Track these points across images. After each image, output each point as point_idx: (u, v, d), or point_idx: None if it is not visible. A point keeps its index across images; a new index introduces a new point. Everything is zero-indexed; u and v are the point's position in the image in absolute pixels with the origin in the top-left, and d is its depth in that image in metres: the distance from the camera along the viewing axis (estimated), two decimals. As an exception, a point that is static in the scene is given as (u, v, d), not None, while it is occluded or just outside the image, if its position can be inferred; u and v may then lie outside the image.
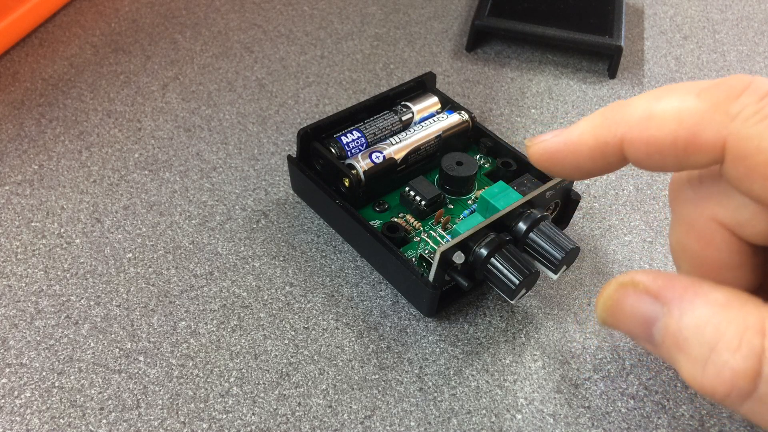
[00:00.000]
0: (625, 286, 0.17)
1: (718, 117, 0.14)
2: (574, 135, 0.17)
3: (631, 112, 0.16)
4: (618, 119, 0.16)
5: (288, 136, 0.35)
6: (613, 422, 0.24)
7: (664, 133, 0.15)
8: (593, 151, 0.17)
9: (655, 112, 0.15)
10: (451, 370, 0.26)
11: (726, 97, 0.14)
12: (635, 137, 0.16)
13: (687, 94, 0.15)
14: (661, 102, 0.15)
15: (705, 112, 0.15)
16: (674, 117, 0.15)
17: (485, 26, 0.41)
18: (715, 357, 0.14)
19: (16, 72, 0.39)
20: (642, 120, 0.16)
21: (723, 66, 0.42)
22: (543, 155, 0.18)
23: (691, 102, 0.15)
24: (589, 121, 0.17)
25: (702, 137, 0.15)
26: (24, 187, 0.32)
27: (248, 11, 0.44)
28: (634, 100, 0.16)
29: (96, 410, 0.24)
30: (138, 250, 0.29)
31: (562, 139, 0.18)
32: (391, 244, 0.27)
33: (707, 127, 0.15)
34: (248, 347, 0.26)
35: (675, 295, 0.16)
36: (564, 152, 0.18)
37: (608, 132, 0.16)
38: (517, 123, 0.37)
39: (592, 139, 0.17)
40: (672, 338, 0.15)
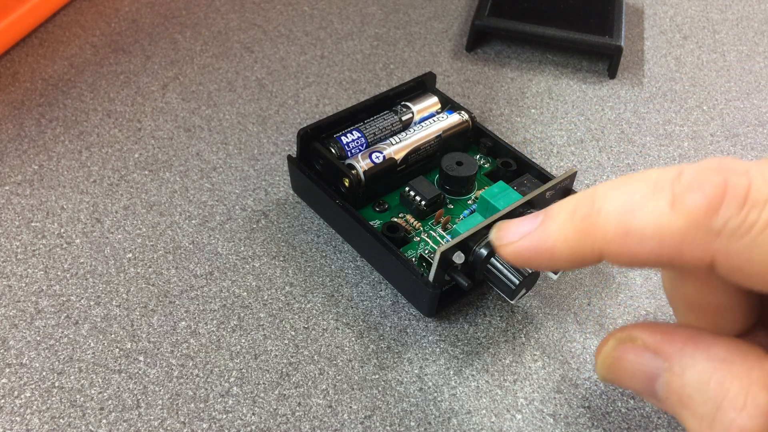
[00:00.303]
0: (624, 343, 0.17)
1: (701, 236, 0.14)
2: (547, 243, 0.16)
3: (606, 225, 0.15)
4: (593, 230, 0.15)
5: (288, 136, 0.35)
6: (613, 422, 0.24)
7: (646, 250, 0.15)
8: (569, 262, 0.16)
9: (632, 228, 0.15)
10: (451, 370, 0.26)
11: (705, 211, 0.14)
12: (614, 251, 0.15)
13: (661, 203, 0.14)
14: (635, 215, 0.15)
15: (686, 230, 0.14)
16: (654, 235, 0.14)
17: (485, 26, 0.41)
18: (721, 416, 0.14)
19: (16, 72, 0.39)
20: (619, 236, 0.15)
21: (723, 66, 0.42)
22: (516, 259, 0.17)
23: (668, 217, 0.14)
24: (561, 229, 0.16)
25: (687, 255, 0.14)
26: (24, 187, 0.32)
27: (248, 11, 0.44)
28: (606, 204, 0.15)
29: (96, 410, 0.24)
30: (138, 250, 0.29)
31: (533, 245, 0.17)
32: (391, 244, 0.27)
33: (691, 246, 0.14)
34: (248, 347, 0.26)
35: (675, 349, 0.15)
36: (538, 258, 0.17)
37: (584, 245, 0.16)
38: (517, 123, 0.37)
39: (568, 250, 0.16)
40: (676, 395, 0.15)
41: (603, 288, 0.29)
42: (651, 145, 0.36)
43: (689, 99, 0.39)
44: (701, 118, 0.38)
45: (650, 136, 0.37)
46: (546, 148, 0.35)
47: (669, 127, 0.37)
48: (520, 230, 0.17)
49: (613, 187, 0.15)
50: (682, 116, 0.38)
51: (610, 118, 0.38)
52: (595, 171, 0.34)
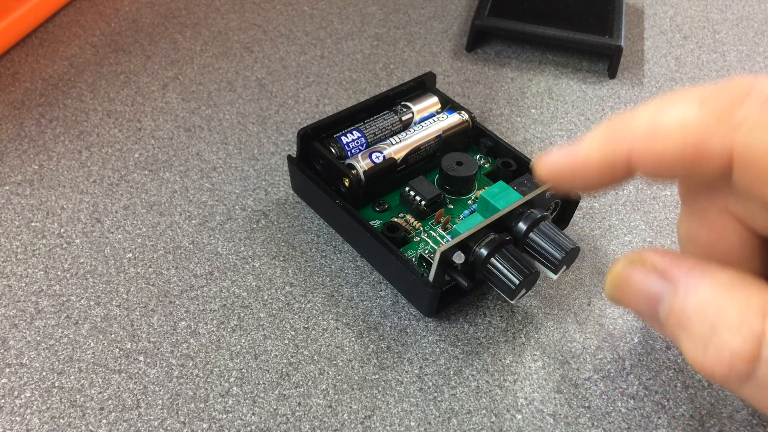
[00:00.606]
0: (634, 263, 0.17)
1: (722, 127, 0.14)
2: (581, 152, 0.17)
3: (636, 126, 0.16)
4: (623, 134, 0.16)
5: (288, 136, 0.35)
6: (613, 422, 0.24)
7: (670, 146, 0.15)
8: (601, 167, 0.17)
9: (659, 125, 0.15)
10: (451, 370, 0.26)
11: (729, 105, 0.14)
12: (642, 152, 0.16)
13: (689, 104, 0.15)
14: (664, 114, 0.15)
15: (709, 122, 0.14)
16: (679, 130, 0.15)
17: (485, 26, 0.41)
18: (716, 338, 0.15)
19: (16, 72, 0.39)
20: (647, 134, 0.15)
21: (723, 66, 0.42)
22: (551, 173, 0.18)
23: (694, 112, 0.15)
24: (595, 137, 0.17)
25: (708, 149, 0.15)
26: (24, 187, 0.32)
27: (248, 11, 0.44)
28: (638, 112, 0.16)
29: (96, 410, 0.24)
30: (138, 250, 0.29)
31: (569, 157, 0.18)
32: (391, 244, 0.27)
33: (712, 138, 0.14)
34: (248, 347, 0.26)
35: (681, 274, 0.16)
36: (572, 170, 0.18)
37: (615, 147, 0.16)
38: (517, 123, 0.37)
39: (600, 156, 0.17)
40: (676, 317, 0.16)
41: (603, 288, 0.29)
42: (651, 145, 0.36)
43: (689, 99, 0.39)
44: (701, 118, 0.38)
45: (650, 136, 0.37)
46: (546, 148, 0.35)
47: (669, 127, 0.37)
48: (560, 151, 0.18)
49: (647, 102, 0.16)
50: (682, 116, 0.38)
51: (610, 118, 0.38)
52: (595, 171, 0.34)
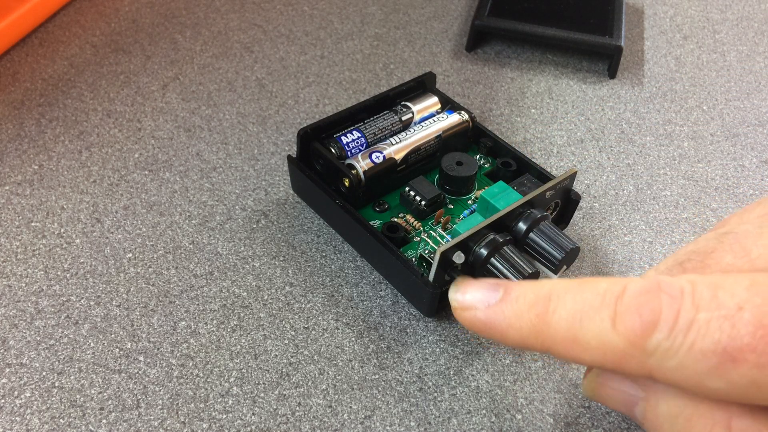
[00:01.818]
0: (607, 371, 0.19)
1: (638, 354, 0.16)
2: (501, 325, 0.18)
3: (556, 330, 0.17)
4: (544, 332, 0.17)
5: (288, 136, 0.35)
6: (613, 422, 0.24)
7: (590, 358, 0.17)
8: (517, 345, 0.18)
9: (578, 337, 0.17)
10: (451, 370, 0.26)
11: (641, 334, 0.15)
12: (561, 353, 0.17)
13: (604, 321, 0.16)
14: (582, 327, 0.16)
15: (625, 349, 0.16)
16: (597, 348, 0.16)
17: (485, 26, 0.41)
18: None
19: (16, 72, 0.39)
20: (567, 341, 0.17)
21: (723, 66, 0.42)
22: (471, 325, 0.19)
23: (609, 335, 0.16)
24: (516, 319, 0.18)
25: (627, 368, 0.16)
26: (24, 187, 0.32)
27: (248, 11, 0.44)
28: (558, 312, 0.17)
29: (96, 410, 0.24)
30: (138, 250, 0.29)
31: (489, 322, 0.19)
32: (391, 244, 0.27)
33: (630, 362, 0.16)
34: (248, 347, 0.26)
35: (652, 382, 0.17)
36: (490, 333, 0.19)
37: (534, 341, 0.18)
38: (517, 123, 0.37)
39: (518, 339, 0.18)
40: (650, 423, 0.18)
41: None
42: (651, 145, 0.36)
43: (689, 99, 0.39)
44: (701, 118, 0.38)
45: (650, 136, 0.37)
46: (546, 148, 0.35)
47: (669, 127, 0.37)
48: (478, 297, 0.19)
49: (567, 291, 0.17)
50: (682, 116, 0.38)
51: (610, 118, 0.38)
52: (595, 171, 0.34)
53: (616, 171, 0.34)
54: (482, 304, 0.19)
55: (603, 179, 0.34)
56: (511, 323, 0.18)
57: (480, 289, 0.19)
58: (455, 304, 0.20)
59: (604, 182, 0.34)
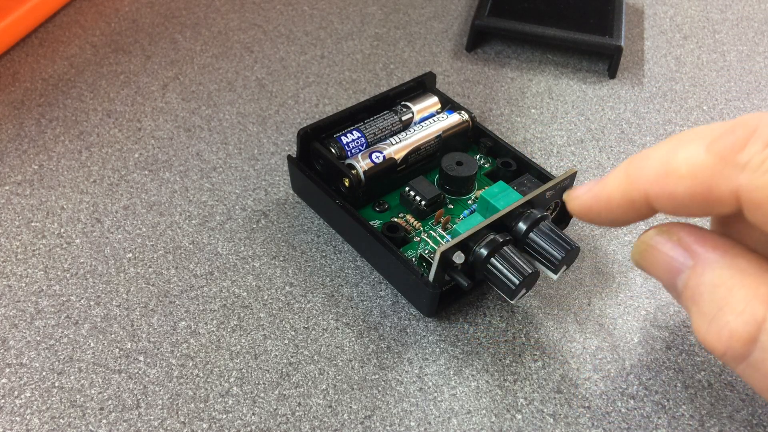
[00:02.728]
0: (662, 234, 0.18)
1: (727, 170, 0.15)
2: (604, 192, 0.19)
3: (650, 168, 0.17)
4: (639, 176, 0.17)
5: (288, 136, 0.35)
6: (613, 422, 0.24)
7: (682, 188, 0.16)
8: (623, 206, 0.18)
9: (670, 168, 0.16)
10: (451, 370, 0.26)
11: (732, 148, 0.15)
12: (657, 193, 0.17)
13: (697, 146, 0.16)
14: (675, 156, 0.16)
15: (715, 165, 0.15)
16: (688, 172, 0.16)
17: (485, 26, 0.41)
18: (719, 316, 0.16)
19: (16, 72, 0.39)
20: (660, 176, 0.17)
21: (723, 66, 0.42)
22: (581, 211, 0.20)
23: (701, 155, 0.16)
24: (615, 177, 0.18)
25: (716, 191, 0.15)
26: (24, 187, 0.32)
27: (248, 11, 0.44)
28: (652, 153, 0.17)
29: (96, 410, 0.24)
30: (138, 250, 0.29)
31: (594, 195, 0.19)
32: (391, 244, 0.27)
33: (719, 181, 0.15)
34: (248, 347, 0.26)
35: (703, 251, 0.17)
36: (598, 207, 0.19)
37: (632, 189, 0.17)
38: (517, 123, 0.37)
39: (621, 196, 0.18)
40: (690, 291, 0.17)
41: (603, 288, 0.29)
42: (651, 145, 0.36)
43: (689, 99, 0.39)
44: (701, 118, 0.38)
45: (650, 136, 0.37)
46: (546, 148, 0.35)
47: (669, 127, 0.37)
48: (586, 186, 0.19)
49: (662, 142, 0.17)
50: (682, 116, 0.38)
51: (610, 118, 0.38)
52: (595, 171, 0.34)
53: (616, 171, 0.34)
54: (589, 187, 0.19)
55: (603, 179, 0.34)
56: (612, 186, 0.18)
57: (586, 183, 0.20)
58: (567, 198, 0.20)
59: (604, 182, 0.34)
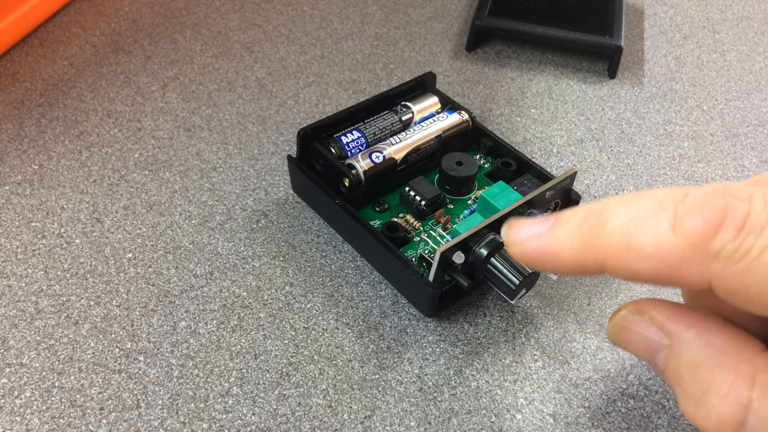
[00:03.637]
0: (634, 314, 0.18)
1: (698, 257, 0.14)
2: (553, 248, 0.17)
3: (609, 239, 0.16)
4: (596, 243, 0.16)
5: (288, 136, 0.35)
6: (613, 422, 0.24)
7: (645, 267, 0.15)
8: (572, 267, 0.17)
9: (633, 243, 0.15)
10: (451, 370, 0.26)
11: (704, 234, 0.14)
12: (616, 265, 0.16)
13: (663, 223, 0.15)
14: (638, 232, 0.15)
15: (684, 250, 0.14)
16: (654, 253, 0.15)
17: (485, 26, 0.41)
18: (705, 399, 0.15)
19: (16, 72, 0.39)
20: (621, 249, 0.15)
21: (723, 66, 0.42)
22: (522, 258, 0.18)
23: (668, 237, 0.15)
24: (568, 237, 0.17)
25: (685, 275, 0.15)
26: (24, 187, 0.32)
27: (248, 11, 0.44)
28: (611, 219, 0.16)
29: (96, 410, 0.24)
30: (138, 250, 0.29)
31: (542, 247, 0.17)
32: (391, 244, 0.27)
33: (689, 266, 0.14)
34: (248, 347, 0.26)
35: (678, 330, 0.17)
36: (544, 261, 0.17)
37: (587, 255, 0.16)
38: (517, 123, 0.37)
39: (572, 256, 0.17)
40: (671, 371, 0.17)
41: (603, 288, 0.29)
42: (651, 145, 0.36)
43: (689, 99, 0.39)
44: (701, 118, 0.38)
45: (650, 136, 0.37)
46: (546, 148, 0.35)
47: (669, 127, 0.37)
48: (531, 231, 0.18)
49: (621, 202, 0.16)
50: (682, 116, 0.38)
51: (610, 118, 0.38)
52: (595, 171, 0.34)
53: (616, 171, 0.34)
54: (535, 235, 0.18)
55: (603, 179, 0.34)
56: (563, 244, 0.17)
57: (531, 223, 0.18)
58: (507, 240, 0.18)
59: (604, 182, 0.34)
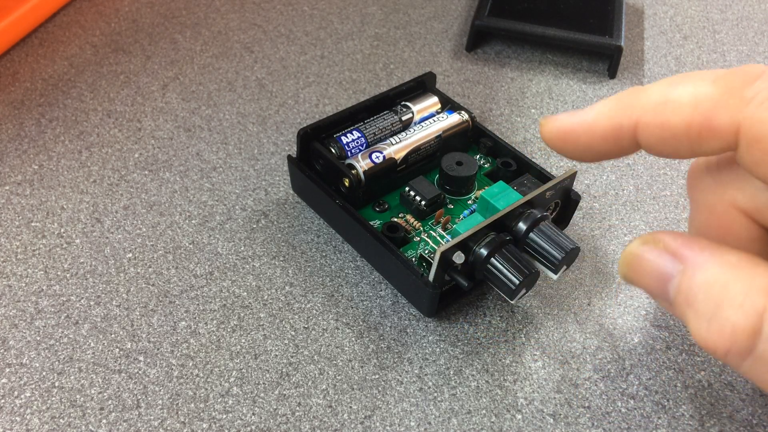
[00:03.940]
0: (647, 243, 0.17)
1: (733, 101, 0.15)
2: (589, 116, 0.18)
3: (648, 97, 0.16)
4: (634, 103, 0.16)
5: (288, 136, 0.35)
6: (613, 422, 0.24)
7: (679, 118, 0.15)
8: (607, 133, 0.17)
9: (670, 97, 0.16)
10: (451, 370, 0.26)
11: (741, 82, 0.15)
12: (650, 121, 0.16)
13: (703, 81, 0.15)
14: (677, 87, 0.16)
15: (720, 96, 0.15)
16: (689, 102, 0.15)
17: (485, 26, 0.41)
18: (719, 313, 0.15)
19: (16, 72, 0.39)
20: (658, 104, 0.16)
21: (723, 66, 0.42)
22: (557, 134, 0.18)
23: (706, 88, 0.15)
24: (606, 104, 0.17)
25: (716, 121, 0.15)
26: (24, 187, 0.32)
27: (248, 11, 0.44)
28: (651, 86, 0.16)
29: (96, 410, 0.24)
30: (138, 250, 0.29)
31: (576, 119, 0.18)
32: (391, 244, 0.27)
33: (721, 111, 0.15)
34: (248, 347, 0.26)
35: (691, 253, 0.16)
36: (577, 132, 0.18)
37: (623, 115, 0.17)
38: (517, 123, 0.37)
39: (607, 121, 0.17)
40: (683, 295, 0.16)
41: (603, 288, 0.29)
42: (651, 145, 0.36)
43: (689, 99, 0.39)
44: (701, 118, 0.38)
45: (650, 136, 0.37)
46: (546, 148, 0.35)
47: (669, 127, 0.37)
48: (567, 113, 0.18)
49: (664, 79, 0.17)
50: (682, 116, 0.38)
51: (610, 117, 0.38)
52: (595, 171, 0.34)
53: (616, 171, 0.34)
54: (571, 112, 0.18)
55: (603, 179, 0.34)
56: (599, 110, 0.17)
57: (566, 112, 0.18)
58: (542, 120, 0.19)
59: (604, 182, 0.34)
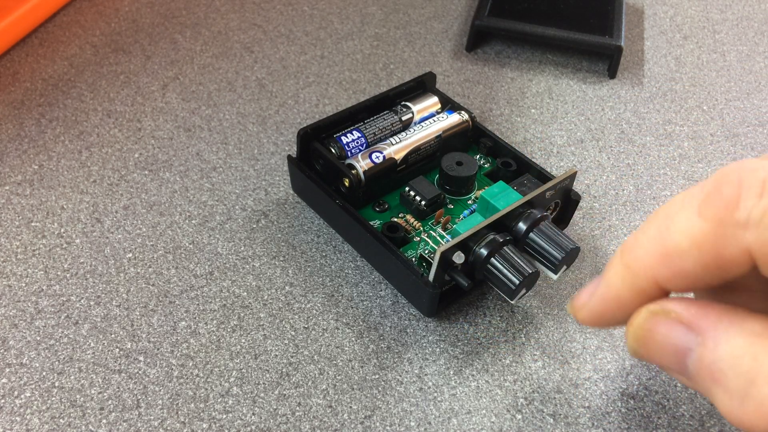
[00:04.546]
0: (657, 315, 0.16)
1: (730, 231, 0.14)
2: (610, 292, 0.17)
3: (646, 252, 0.16)
4: (639, 264, 0.16)
5: (288, 136, 0.35)
6: (613, 422, 0.24)
7: (690, 263, 0.15)
8: (635, 300, 0.17)
9: (669, 245, 0.15)
10: (451, 370, 0.26)
11: (726, 208, 0.14)
12: (666, 276, 0.15)
13: (688, 216, 0.15)
14: (669, 232, 0.15)
15: (716, 230, 0.14)
16: (690, 245, 0.15)
17: (485, 26, 0.41)
18: (754, 390, 0.14)
19: (16, 72, 0.39)
20: (662, 257, 0.15)
21: (723, 66, 0.42)
22: (593, 320, 0.18)
23: (696, 224, 0.15)
24: (615, 273, 0.17)
25: (727, 255, 0.14)
26: (24, 187, 0.32)
27: (248, 11, 0.44)
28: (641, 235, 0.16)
29: (96, 410, 0.24)
30: (138, 250, 0.29)
31: (600, 299, 0.17)
32: (391, 244, 0.27)
33: (726, 245, 0.14)
34: (248, 347, 0.26)
35: (709, 323, 0.15)
36: (610, 311, 0.17)
37: (638, 280, 0.16)
38: (517, 123, 0.37)
39: (628, 291, 0.17)
40: (707, 370, 0.15)
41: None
42: (651, 145, 0.36)
43: (689, 99, 0.39)
44: (701, 118, 0.38)
45: (650, 136, 0.37)
46: (546, 148, 0.35)
47: (669, 127, 0.37)
48: (588, 291, 0.18)
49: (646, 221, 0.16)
50: (682, 116, 0.38)
51: (610, 118, 0.38)
52: (595, 171, 0.34)
53: (616, 171, 0.34)
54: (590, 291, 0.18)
55: (603, 179, 0.34)
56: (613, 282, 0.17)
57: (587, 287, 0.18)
58: (572, 311, 0.19)
59: (604, 182, 0.34)
